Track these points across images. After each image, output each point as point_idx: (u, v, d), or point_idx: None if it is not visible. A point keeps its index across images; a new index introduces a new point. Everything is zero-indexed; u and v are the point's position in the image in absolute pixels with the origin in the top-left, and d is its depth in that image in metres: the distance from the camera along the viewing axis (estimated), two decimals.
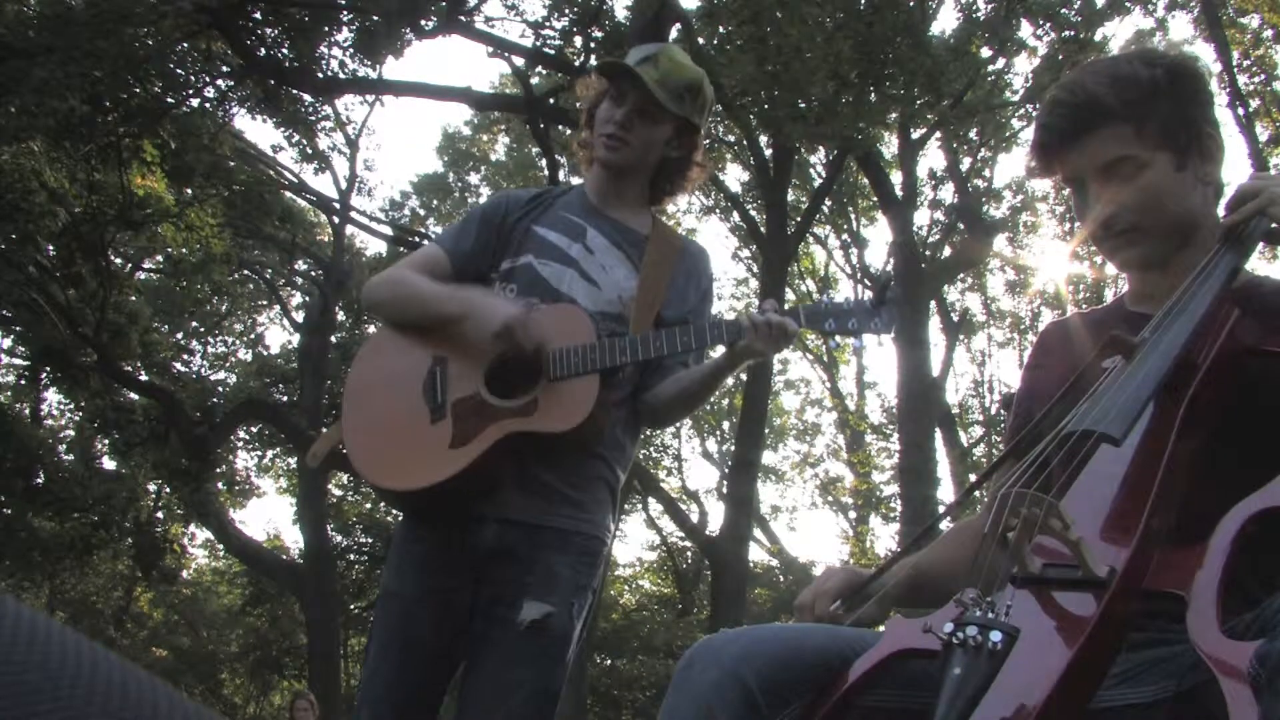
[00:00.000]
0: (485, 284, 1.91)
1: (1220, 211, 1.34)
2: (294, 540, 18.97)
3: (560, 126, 11.11)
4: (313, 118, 12.11)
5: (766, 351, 1.72)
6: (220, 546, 16.70)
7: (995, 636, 0.86)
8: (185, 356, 17.34)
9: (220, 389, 16.33)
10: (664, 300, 1.89)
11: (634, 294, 1.88)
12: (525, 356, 1.76)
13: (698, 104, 1.98)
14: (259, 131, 58.65)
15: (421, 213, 18.99)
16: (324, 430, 1.95)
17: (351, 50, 10.59)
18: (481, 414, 1.74)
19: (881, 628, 1.11)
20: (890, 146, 15.45)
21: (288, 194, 15.21)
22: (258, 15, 10.26)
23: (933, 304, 15.56)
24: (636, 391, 1.91)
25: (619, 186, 2.00)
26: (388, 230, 16.53)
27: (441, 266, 1.92)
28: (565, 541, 1.78)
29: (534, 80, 11.78)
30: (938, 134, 14.92)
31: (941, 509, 15.72)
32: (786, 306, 1.77)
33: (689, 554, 17.94)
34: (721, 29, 10.13)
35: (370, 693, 1.80)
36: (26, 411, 15.90)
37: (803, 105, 9.72)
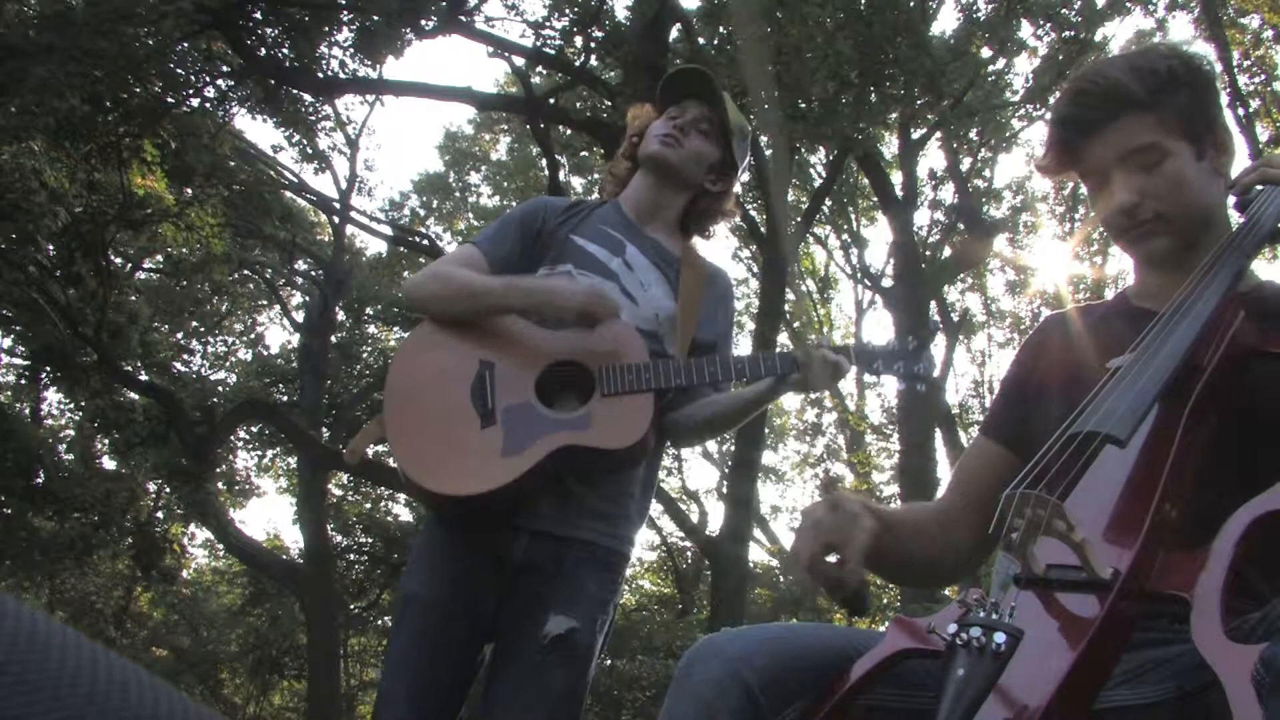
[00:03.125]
0: None
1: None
2: (294, 540, 18.95)
3: (560, 127, 11.10)
4: (313, 118, 12.06)
5: (819, 388, 1.71)
6: (220, 546, 16.67)
7: (999, 638, 0.86)
8: (185, 356, 17.29)
9: (220, 389, 16.28)
10: (698, 322, 1.89)
11: (670, 314, 1.88)
12: (575, 369, 1.76)
13: (742, 149, 2.02)
14: (259, 131, 58.64)
15: (421, 213, 18.96)
16: (365, 426, 1.92)
17: (352, 50, 10.56)
18: (534, 423, 1.72)
19: (883, 627, 1.11)
20: (890, 146, 15.45)
21: (288, 194, 15.18)
22: (258, 15, 10.24)
23: (933, 304, 15.55)
24: (663, 411, 1.90)
25: (660, 198, 1.99)
26: (388, 230, 16.52)
27: (479, 267, 1.89)
28: (592, 555, 1.79)
29: (534, 80, 11.77)
30: (938, 134, 14.92)
31: None
32: (835, 343, 1.78)
33: (689, 554, 17.92)
34: (721, 29, 10.11)
35: (391, 694, 1.78)
36: (26, 411, 15.88)
37: (803, 105, 9.71)
